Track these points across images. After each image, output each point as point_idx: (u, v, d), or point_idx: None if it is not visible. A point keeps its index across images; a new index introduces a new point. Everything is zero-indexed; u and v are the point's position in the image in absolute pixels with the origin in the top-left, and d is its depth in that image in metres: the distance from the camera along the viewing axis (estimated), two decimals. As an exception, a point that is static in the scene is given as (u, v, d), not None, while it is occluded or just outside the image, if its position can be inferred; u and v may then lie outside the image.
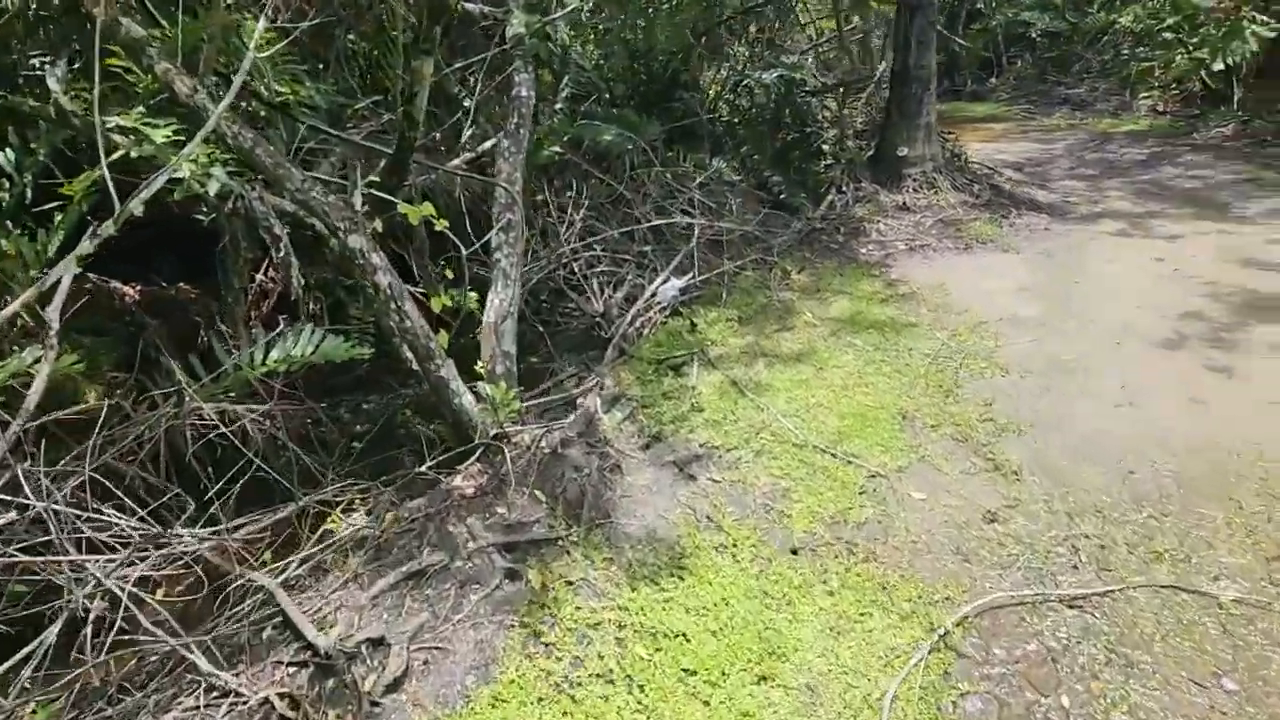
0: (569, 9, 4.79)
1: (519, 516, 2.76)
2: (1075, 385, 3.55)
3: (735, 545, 2.66)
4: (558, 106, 6.06)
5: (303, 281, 3.64)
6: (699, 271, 4.93)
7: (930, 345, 4.07)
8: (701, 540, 2.70)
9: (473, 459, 3.08)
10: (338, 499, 3.14)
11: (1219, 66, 8.65)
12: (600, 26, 6.38)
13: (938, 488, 2.90)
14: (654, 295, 4.61)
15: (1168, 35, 10.44)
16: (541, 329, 4.78)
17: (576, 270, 4.92)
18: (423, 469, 3.07)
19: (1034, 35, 14.75)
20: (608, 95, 6.35)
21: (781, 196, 6.66)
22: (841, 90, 7.03)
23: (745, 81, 7.32)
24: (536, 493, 2.86)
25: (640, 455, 3.26)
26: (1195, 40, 10.09)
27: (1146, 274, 4.82)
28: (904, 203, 6.22)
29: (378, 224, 3.42)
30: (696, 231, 5.20)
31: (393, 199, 3.27)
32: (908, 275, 5.15)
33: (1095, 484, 2.85)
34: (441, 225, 3.07)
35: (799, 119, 7.30)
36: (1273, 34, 8.30)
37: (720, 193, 6.16)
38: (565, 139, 5.54)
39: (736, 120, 7.56)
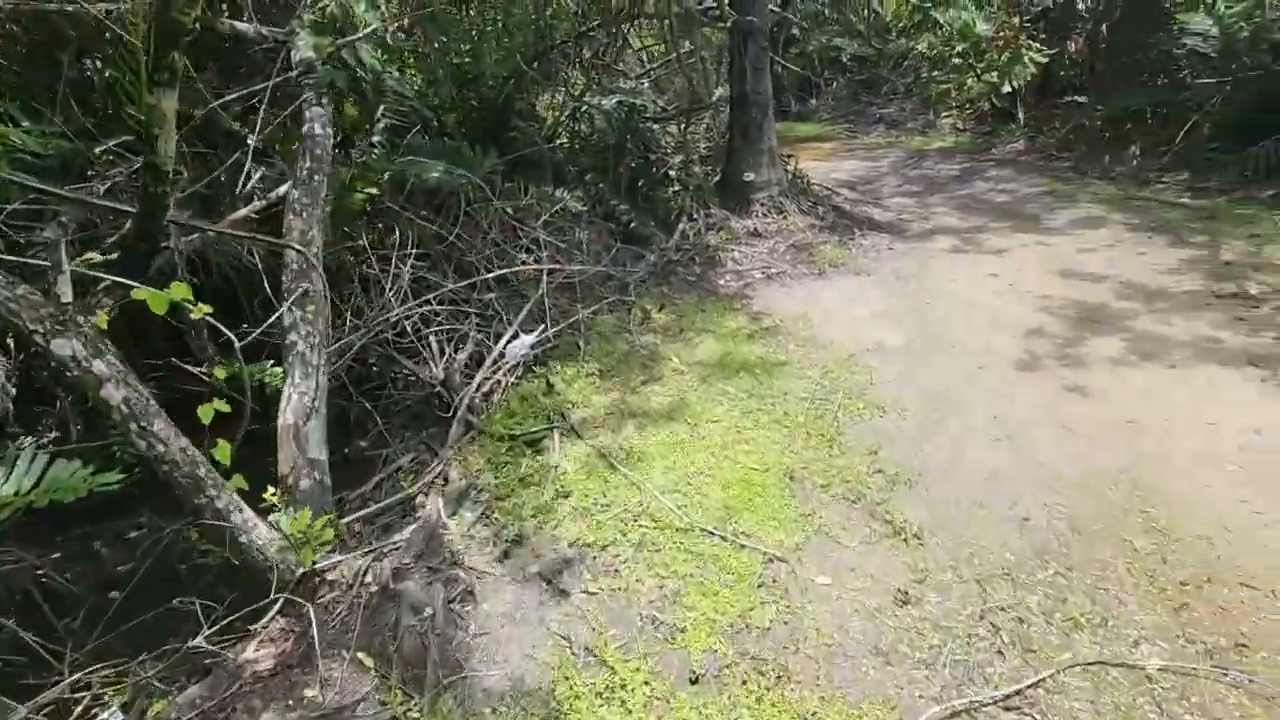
0: (368, 29, 4.10)
1: (337, 696, 2.07)
2: (952, 421, 3.43)
3: (624, 686, 2.15)
4: (375, 140, 5.32)
5: (12, 391, 2.69)
6: (551, 321, 4.41)
7: (805, 386, 3.84)
8: (581, 684, 2.17)
9: (272, 614, 2.33)
10: (77, 693, 2.27)
11: (1007, 89, 9.58)
12: (418, 49, 5.71)
13: (841, 567, 2.58)
14: (502, 354, 4.02)
15: (957, 60, 11.52)
16: (370, 405, 4.02)
17: (409, 330, 4.22)
18: (195, 642, 2.25)
19: (845, 59, 15.91)
20: (436, 125, 5.68)
21: (632, 226, 6.32)
22: (684, 115, 6.85)
23: (584, 108, 6.96)
24: (361, 655, 2.18)
25: (498, 570, 2.67)
26: (982, 65, 11.19)
27: (986, 290, 4.96)
28: (755, 228, 6.10)
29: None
30: (545, 274, 4.67)
31: (131, 280, 2.45)
32: (770, 307, 4.96)
33: (995, 538, 2.66)
34: (200, 313, 2.30)
35: (643, 146, 7.03)
36: (1045, 60, 9.30)
37: (568, 228, 5.69)
38: (385, 178, 4.82)
39: (579, 148, 7.16)
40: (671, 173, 6.92)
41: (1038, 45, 9.46)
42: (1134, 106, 8.11)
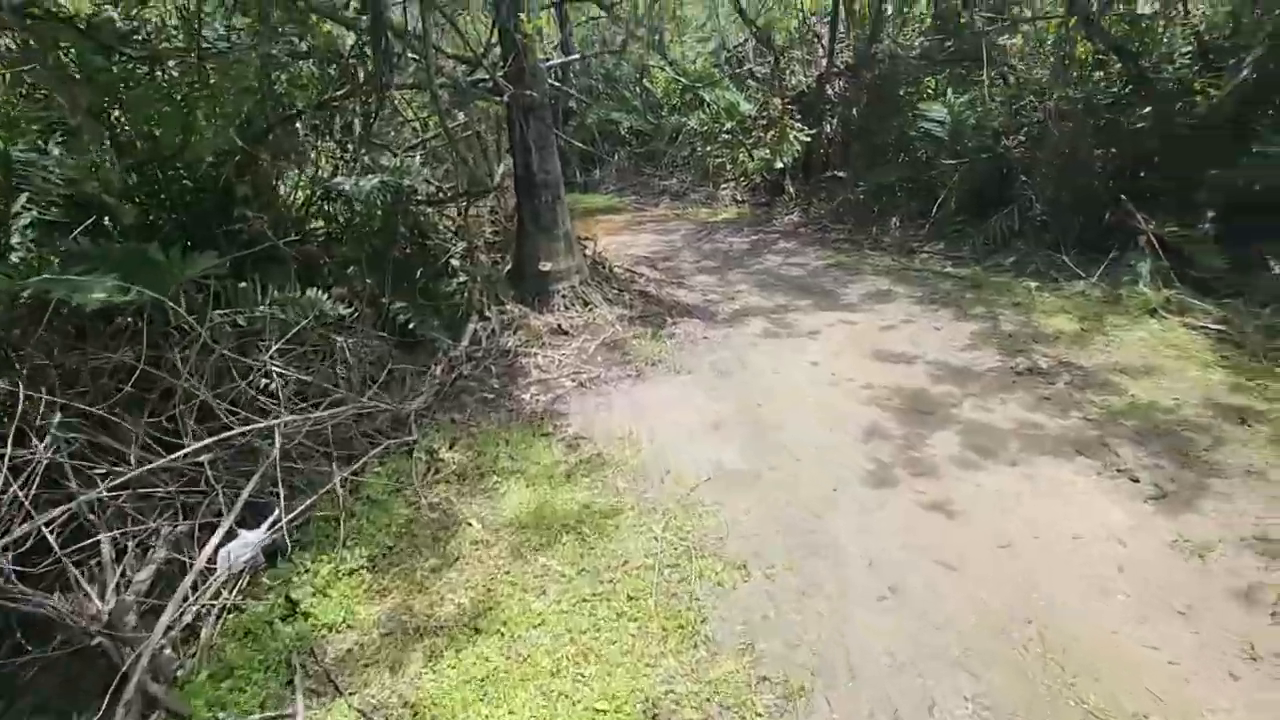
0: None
1: None
2: (826, 576, 2.83)
3: None
4: (14, 242, 3.73)
5: None
6: (295, 492, 3.17)
7: (646, 545, 3.04)
8: None
9: None
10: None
11: (779, 165, 10.10)
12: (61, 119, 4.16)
13: None
14: (212, 563, 2.72)
15: (728, 136, 12.11)
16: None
17: (52, 542, 2.72)
18: None
19: (624, 133, 16.26)
20: (108, 222, 4.15)
21: (410, 327, 5.25)
22: (464, 197, 5.95)
23: (340, 189, 5.78)
24: None
25: None
26: (751, 141, 11.84)
27: (812, 382, 4.64)
28: (559, 325, 5.33)
29: None
30: (282, 427, 3.40)
31: None
32: (589, 426, 4.16)
33: (928, 770, 2.02)
34: None
35: (418, 232, 6.03)
36: (809, 139, 9.95)
37: (323, 340, 4.46)
38: (21, 301, 3.29)
39: (337, 236, 5.93)
40: (455, 262, 5.96)
41: (800, 125, 10.13)
42: (888, 182, 8.84)
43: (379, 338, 5.12)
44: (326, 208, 6.03)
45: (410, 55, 5.60)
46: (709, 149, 13.21)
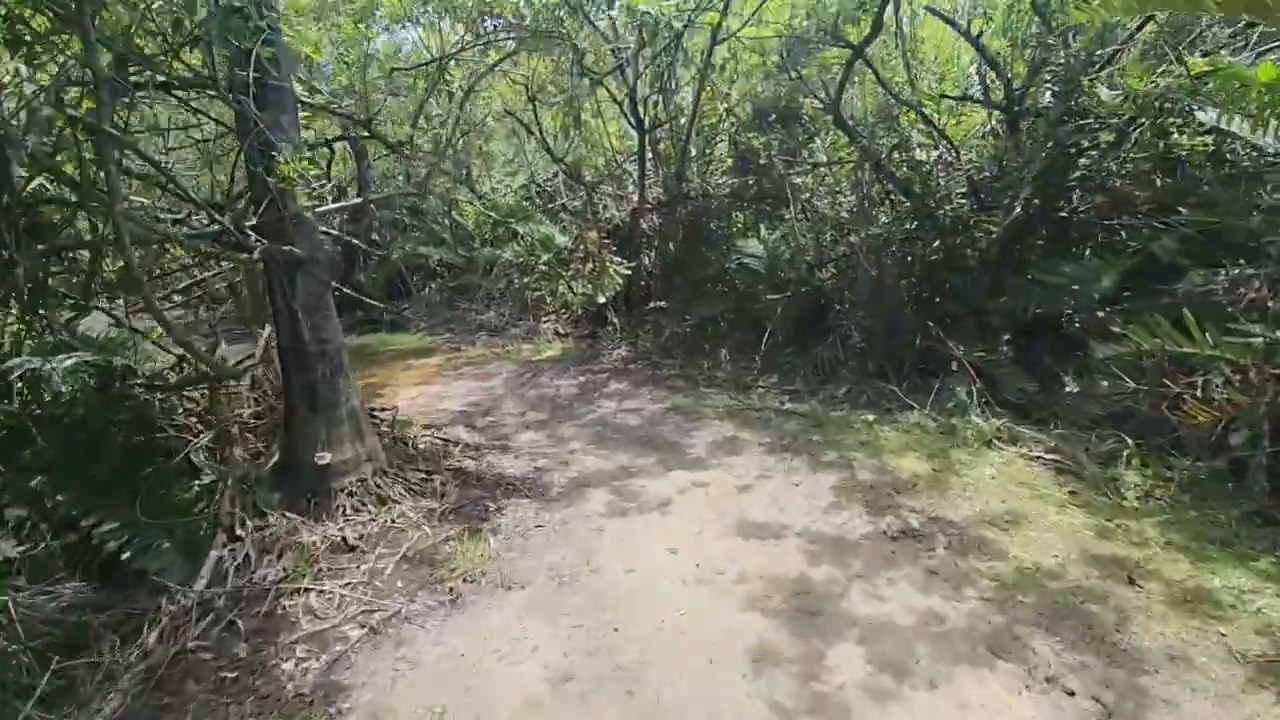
0: None
1: None
2: None
3: None
4: None
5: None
6: None
7: None
8: None
9: None
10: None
11: (601, 299, 9.69)
12: None
13: None
14: None
15: (545, 268, 11.69)
16: None
17: None
18: None
19: (434, 265, 15.32)
20: None
21: (125, 557, 3.71)
22: (210, 377, 4.56)
23: (27, 369, 4.15)
24: None
25: None
26: (569, 273, 11.48)
27: (676, 581, 3.77)
28: (343, 538, 4.03)
29: None
30: None
31: None
32: (381, 710, 2.88)
33: None
34: None
35: (144, 422, 4.52)
36: (629, 272, 9.71)
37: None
38: None
39: (21, 432, 4.22)
40: (198, 458, 4.47)
41: (618, 259, 9.92)
42: (713, 314, 8.72)
43: (69, 571, 3.56)
44: (22, 390, 4.36)
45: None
46: (527, 281, 12.70)
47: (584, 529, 4.45)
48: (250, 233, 3.75)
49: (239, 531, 3.96)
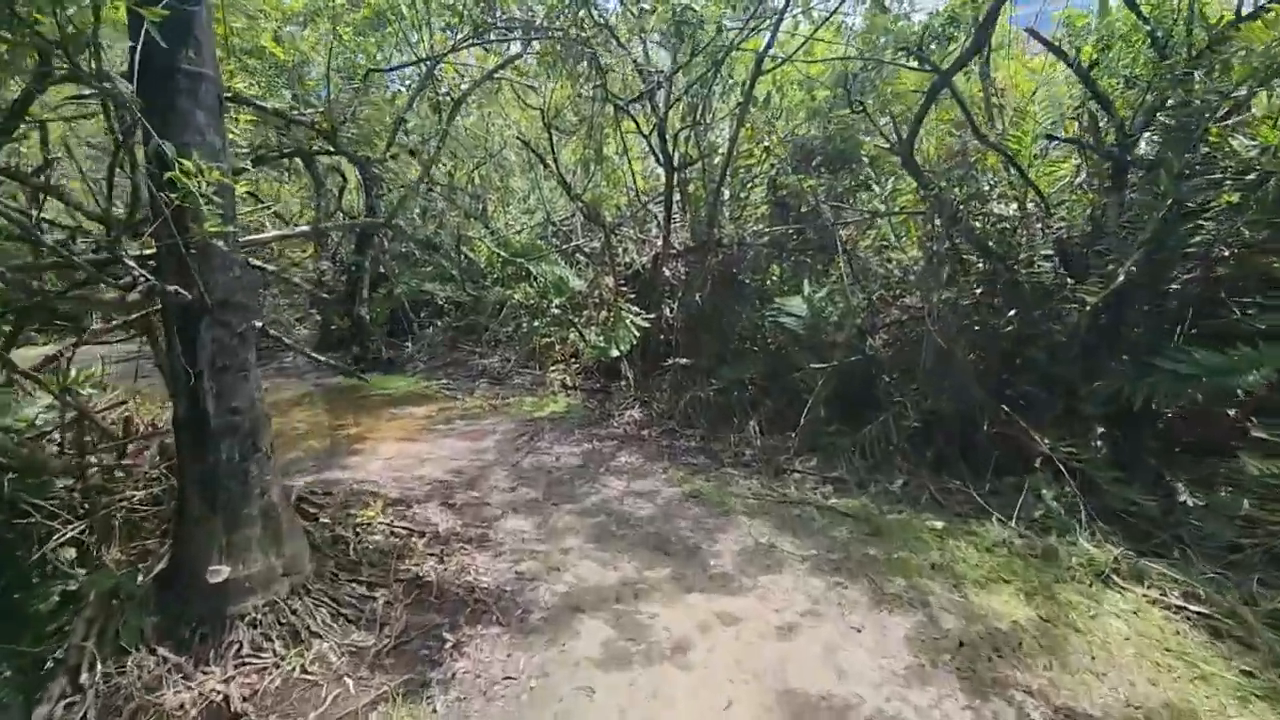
0: None
1: None
2: None
3: None
4: None
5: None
6: None
7: None
8: None
9: None
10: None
11: (615, 353, 8.62)
12: None
13: None
14: None
15: (557, 312, 10.70)
16: None
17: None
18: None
19: (441, 302, 14.39)
20: None
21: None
22: (87, 443, 3.47)
23: None
24: None
25: None
26: (582, 320, 10.47)
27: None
28: (225, 699, 2.84)
29: None
30: None
31: None
32: None
33: None
34: None
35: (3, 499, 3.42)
36: (647, 325, 8.65)
37: None
38: None
39: None
40: (63, 556, 3.35)
41: (636, 309, 8.86)
42: (743, 378, 7.58)
43: None
44: None
45: None
46: (536, 325, 11.69)
47: (568, 686, 3.23)
48: (132, 263, 2.69)
49: (83, 677, 2.80)
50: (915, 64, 5.18)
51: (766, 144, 7.52)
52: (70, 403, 3.59)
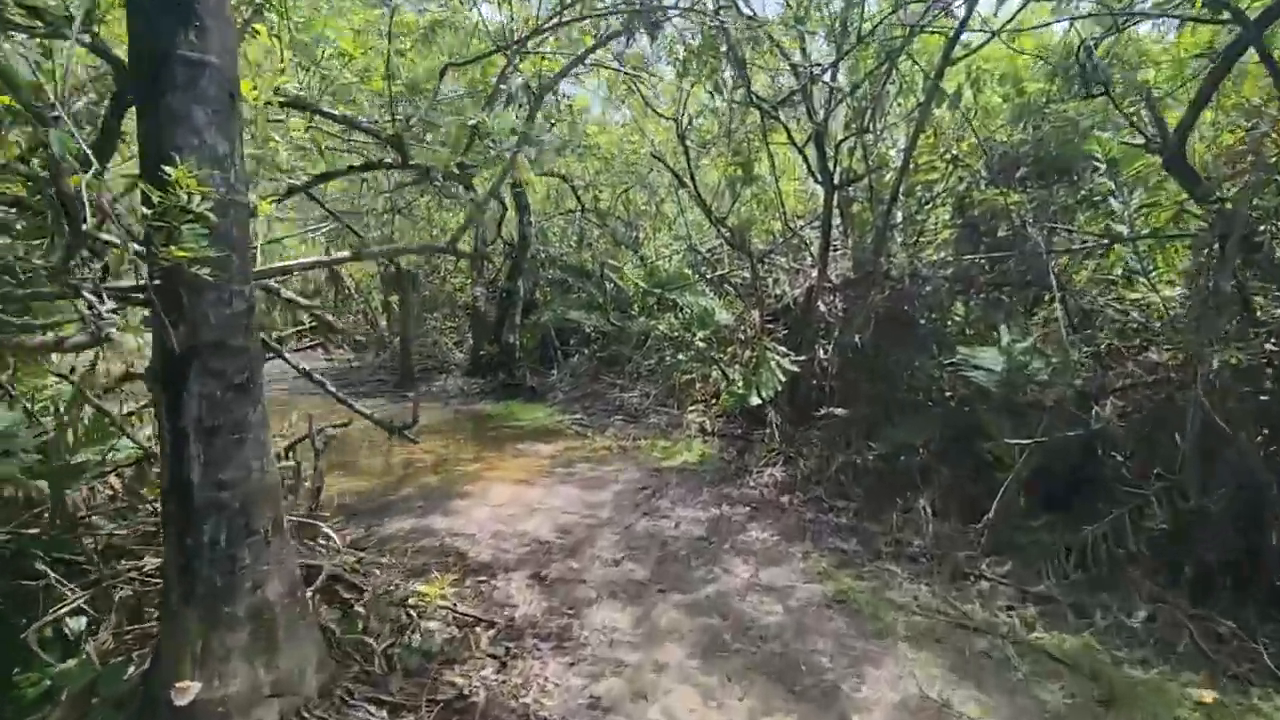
0: None
1: None
2: None
3: None
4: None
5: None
6: None
7: None
8: None
9: None
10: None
11: (756, 401, 7.47)
12: None
13: None
14: None
15: (702, 345, 9.76)
16: None
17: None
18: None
19: (589, 330, 14.07)
20: None
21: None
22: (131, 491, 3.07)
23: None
24: None
25: None
26: (725, 358, 9.44)
27: None
28: None
29: None
30: None
31: None
32: None
33: None
34: None
35: (11, 560, 3.12)
36: (796, 369, 7.41)
37: None
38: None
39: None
40: (74, 626, 2.94)
41: (784, 350, 7.65)
42: (914, 442, 6.07)
43: None
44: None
45: None
46: (680, 358, 10.82)
47: None
48: (91, 296, 2.14)
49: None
50: (1206, 11, 3.55)
51: (954, 153, 6.05)
52: (133, 438, 3.22)
